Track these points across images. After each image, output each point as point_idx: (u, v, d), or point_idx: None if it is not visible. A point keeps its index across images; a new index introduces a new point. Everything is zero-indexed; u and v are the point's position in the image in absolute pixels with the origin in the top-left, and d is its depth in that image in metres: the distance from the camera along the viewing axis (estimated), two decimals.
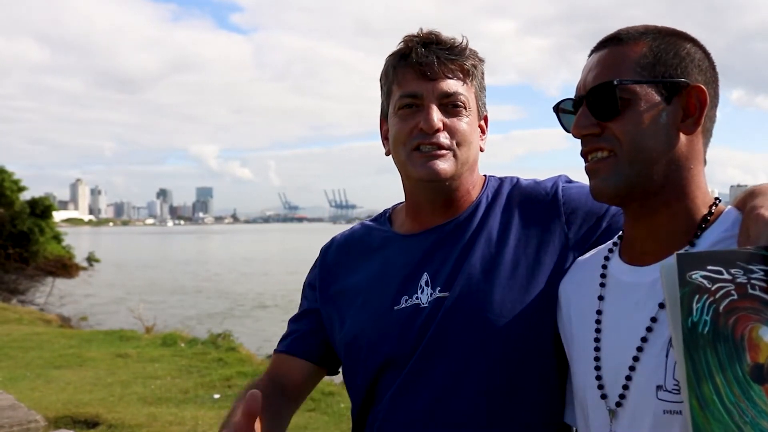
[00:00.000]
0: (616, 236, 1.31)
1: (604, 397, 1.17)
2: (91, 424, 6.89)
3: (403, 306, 1.46)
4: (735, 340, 0.91)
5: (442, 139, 1.43)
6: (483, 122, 1.55)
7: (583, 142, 1.18)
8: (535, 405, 1.39)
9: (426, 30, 1.48)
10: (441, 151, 1.43)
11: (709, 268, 0.93)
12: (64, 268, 29.91)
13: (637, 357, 1.12)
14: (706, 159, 1.18)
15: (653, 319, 1.12)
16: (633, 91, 1.12)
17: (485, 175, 1.59)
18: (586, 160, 1.19)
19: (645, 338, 1.12)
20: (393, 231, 1.59)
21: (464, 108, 1.45)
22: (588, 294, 1.27)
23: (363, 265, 1.58)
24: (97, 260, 37.39)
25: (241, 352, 10.97)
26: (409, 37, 1.47)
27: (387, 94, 1.52)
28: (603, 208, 1.45)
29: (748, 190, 1.14)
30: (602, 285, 1.25)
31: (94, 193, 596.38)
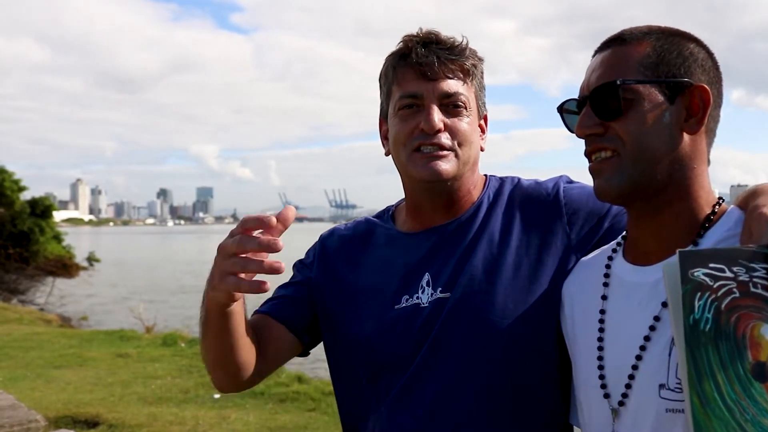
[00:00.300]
0: (620, 236, 1.31)
1: (607, 396, 1.17)
2: (91, 424, 6.89)
3: (404, 305, 1.45)
4: (736, 338, 0.91)
5: (443, 139, 1.42)
6: (483, 122, 1.54)
7: (586, 142, 1.18)
8: (538, 405, 1.39)
9: (426, 29, 1.47)
10: (442, 152, 1.42)
11: (712, 265, 0.94)
12: (65, 268, 29.88)
13: (640, 356, 1.12)
14: (710, 159, 1.18)
15: (656, 318, 1.12)
16: (636, 91, 1.12)
17: (486, 175, 1.59)
18: (590, 160, 1.19)
19: (648, 337, 1.12)
20: (395, 229, 1.58)
21: (465, 108, 1.44)
22: (591, 294, 1.27)
23: (364, 261, 1.57)
24: (98, 260, 37.35)
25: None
26: (408, 36, 1.46)
27: (387, 95, 1.51)
28: (605, 209, 1.45)
29: (751, 190, 1.14)
30: (605, 285, 1.25)
31: (95, 193, 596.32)
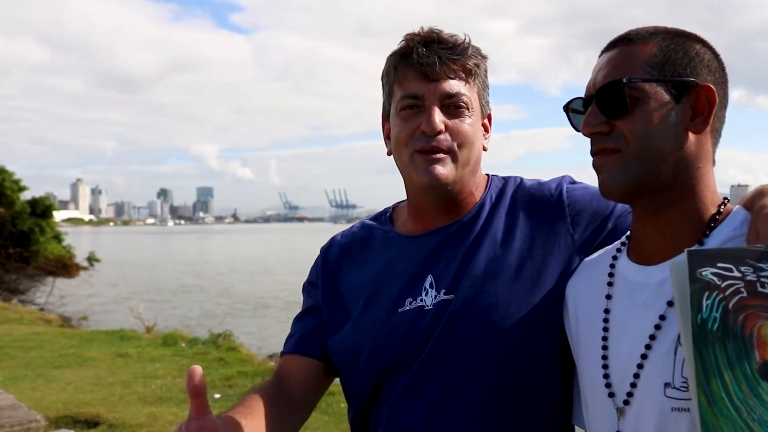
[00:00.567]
0: (624, 236, 1.30)
1: (612, 395, 1.17)
2: (91, 423, 6.89)
3: (407, 308, 1.44)
4: (744, 338, 0.91)
5: (444, 141, 1.40)
6: (487, 121, 1.52)
7: (592, 141, 1.18)
8: (539, 406, 1.39)
9: (427, 28, 1.45)
10: (442, 155, 1.41)
11: (720, 265, 0.94)
12: (65, 267, 29.90)
13: (646, 355, 1.12)
14: (715, 159, 1.17)
15: (662, 317, 1.12)
16: (642, 90, 1.12)
17: (488, 175, 1.57)
18: (594, 158, 1.19)
19: (653, 336, 1.11)
20: (395, 231, 1.57)
21: (467, 108, 1.43)
22: (596, 293, 1.27)
23: (365, 266, 1.55)
24: (98, 260, 37.37)
25: (241, 352, 10.97)
26: (410, 35, 1.44)
27: (388, 94, 1.49)
28: (608, 209, 1.44)
29: (757, 190, 1.14)
30: (610, 284, 1.25)
31: (95, 192, 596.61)
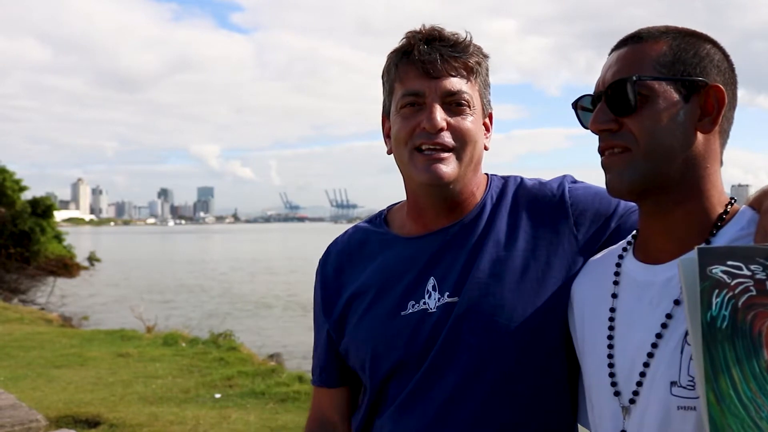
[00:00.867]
0: (630, 235, 1.30)
1: (618, 394, 1.16)
2: (92, 423, 6.90)
3: (410, 311, 1.42)
4: (752, 336, 0.91)
5: (446, 139, 1.38)
6: (488, 120, 1.51)
7: (600, 138, 1.18)
8: (545, 407, 1.38)
9: (429, 26, 1.43)
10: (443, 153, 1.39)
11: (729, 263, 0.93)
12: (66, 267, 29.95)
13: (652, 353, 1.11)
14: (723, 160, 1.17)
15: (668, 315, 1.11)
16: (651, 88, 1.12)
17: (487, 174, 1.55)
18: (602, 156, 1.18)
19: (660, 334, 1.11)
20: (392, 233, 1.54)
21: (468, 106, 1.41)
22: (601, 292, 1.26)
23: (364, 271, 1.53)
24: (98, 260, 37.44)
25: (242, 352, 10.98)
26: (411, 33, 1.43)
27: (389, 92, 1.47)
28: (611, 209, 1.43)
29: (764, 189, 1.14)
30: (616, 283, 1.24)
31: (96, 192, 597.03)
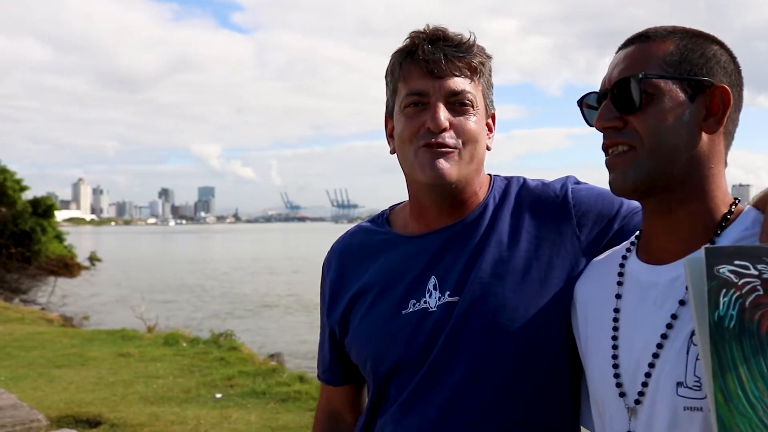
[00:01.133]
0: (633, 236, 1.29)
1: (623, 395, 1.15)
2: (93, 423, 6.90)
3: (411, 310, 1.42)
4: (760, 336, 0.90)
5: (448, 138, 1.39)
6: (491, 120, 1.51)
7: (604, 135, 1.18)
8: (548, 408, 1.37)
9: (433, 26, 1.43)
10: (446, 150, 1.39)
11: (736, 263, 0.93)
12: (66, 267, 29.98)
13: (657, 354, 1.10)
14: (727, 161, 1.17)
15: (673, 315, 1.10)
16: (657, 87, 1.11)
17: (490, 175, 1.55)
18: (606, 155, 1.19)
19: (665, 335, 1.10)
20: (394, 233, 1.54)
21: (471, 106, 1.41)
22: (605, 293, 1.26)
23: (366, 271, 1.53)
24: (99, 260, 37.46)
25: (243, 352, 10.98)
26: (415, 33, 1.43)
27: (393, 92, 1.47)
28: (614, 210, 1.43)
29: None
30: (620, 284, 1.24)
31: (96, 192, 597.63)
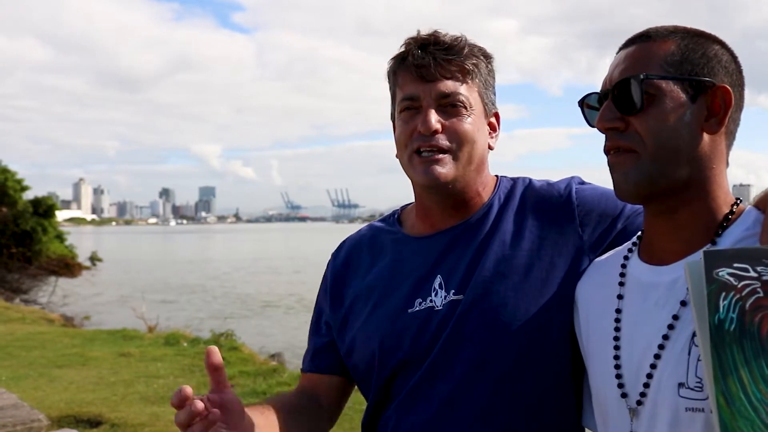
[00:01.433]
0: (635, 237, 1.29)
1: (625, 396, 1.15)
2: (93, 423, 6.90)
3: (417, 309, 1.44)
4: (761, 338, 0.90)
5: (441, 141, 1.40)
6: (494, 120, 1.52)
7: (606, 137, 1.17)
8: (549, 407, 1.38)
9: (426, 31, 1.45)
10: (439, 155, 1.40)
11: (736, 265, 0.93)
12: (67, 267, 29.97)
13: (659, 354, 1.10)
14: (729, 161, 1.17)
15: (675, 316, 1.10)
16: (658, 87, 1.11)
17: (497, 176, 1.57)
18: (608, 156, 1.18)
19: (666, 336, 1.10)
20: (403, 233, 1.56)
21: (464, 107, 1.42)
22: (607, 294, 1.26)
23: (374, 268, 1.55)
24: (100, 259, 37.46)
25: (243, 352, 10.98)
26: (409, 39, 1.46)
27: (392, 98, 1.51)
28: (617, 210, 1.43)
29: None
30: (621, 284, 1.24)
31: (97, 192, 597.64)
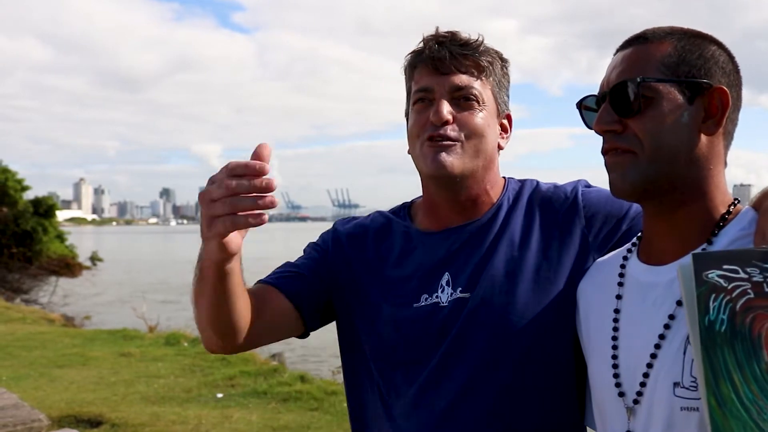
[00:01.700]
0: (635, 237, 1.31)
1: (622, 394, 1.17)
2: (94, 423, 6.90)
3: (423, 304, 1.45)
4: (752, 339, 0.91)
5: (450, 131, 1.42)
6: (506, 121, 1.55)
7: (604, 139, 1.18)
8: (554, 406, 1.40)
9: (445, 29, 1.48)
10: (448, 142, 1.42)
11: (725, 267, 0.94)
12: (68, 267, 29.95)
13: (655, 354, 1.12)
14: (727, 161, 1.18)
15: (671, 316, 1.12)
16: (656, 89, 1.12)
17: (505, 177, 1.59)
18: (606, 156, 1.19)
19: (663, 335, 1.11)
20: (414, 227, 1.57)
21: (477, 102, 1.45)
22: (606, 294, 1.27)
23: (381, 257, 1.55)
24: (100, 259, 37.44)
25: (244, 352, 10.95)
26: (427, 35, 1.48)
27: (407, 93, 1.53)
28: (623, 211, 1.45)
29: (765, 191, 1.13)
30: (620, 284, 1.25)
31: (98, 192, 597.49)
